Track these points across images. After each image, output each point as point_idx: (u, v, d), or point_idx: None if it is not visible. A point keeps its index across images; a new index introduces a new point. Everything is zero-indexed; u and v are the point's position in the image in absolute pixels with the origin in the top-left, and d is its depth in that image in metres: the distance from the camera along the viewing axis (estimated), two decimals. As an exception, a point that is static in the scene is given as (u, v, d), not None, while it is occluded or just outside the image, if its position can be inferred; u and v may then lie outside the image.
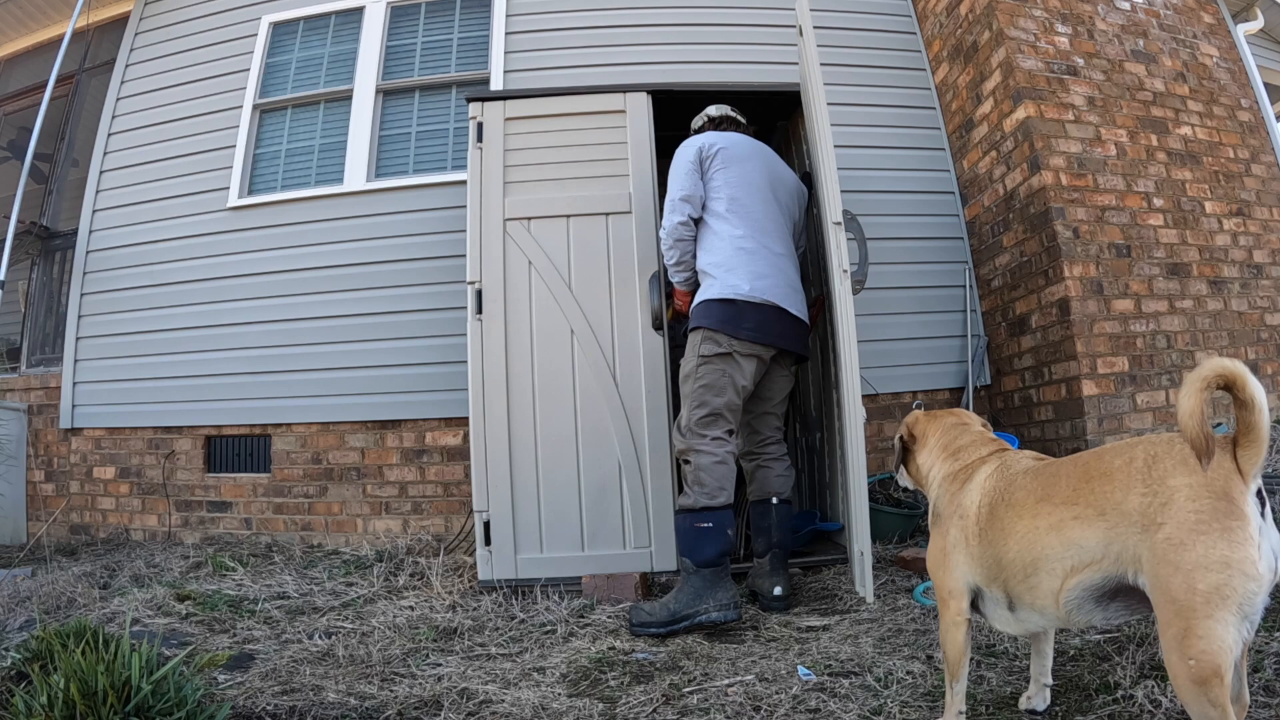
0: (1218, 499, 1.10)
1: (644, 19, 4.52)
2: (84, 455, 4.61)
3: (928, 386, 4.18)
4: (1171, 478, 1.15)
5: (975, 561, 1.41)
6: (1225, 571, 1.06)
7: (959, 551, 1.43)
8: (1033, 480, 1.36)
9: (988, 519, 1.39)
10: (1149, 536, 1.14)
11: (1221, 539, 1.08)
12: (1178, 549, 1.10)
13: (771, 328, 2.68)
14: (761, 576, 2.70)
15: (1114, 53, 4.16)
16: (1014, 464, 1.45)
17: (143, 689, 1.53)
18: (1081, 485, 1.26)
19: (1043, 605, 1.30)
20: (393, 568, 3.33)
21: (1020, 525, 1.31)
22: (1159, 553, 1.11)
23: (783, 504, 2.79)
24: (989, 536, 1.38)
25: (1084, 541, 1.22)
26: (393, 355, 4.16)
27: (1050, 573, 1.27)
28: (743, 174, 2.82)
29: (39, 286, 5.25)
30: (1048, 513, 1.28)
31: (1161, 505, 1.14)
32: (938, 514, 1.53)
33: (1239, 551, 1.07)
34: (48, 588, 3.03)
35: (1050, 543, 1.26)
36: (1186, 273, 3.93)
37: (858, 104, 4.39)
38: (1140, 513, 1.15)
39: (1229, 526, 1.08)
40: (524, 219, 3.17)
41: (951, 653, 1.45)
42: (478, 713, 1.83)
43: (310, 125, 4.65)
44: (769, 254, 2.76)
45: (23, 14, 5.72)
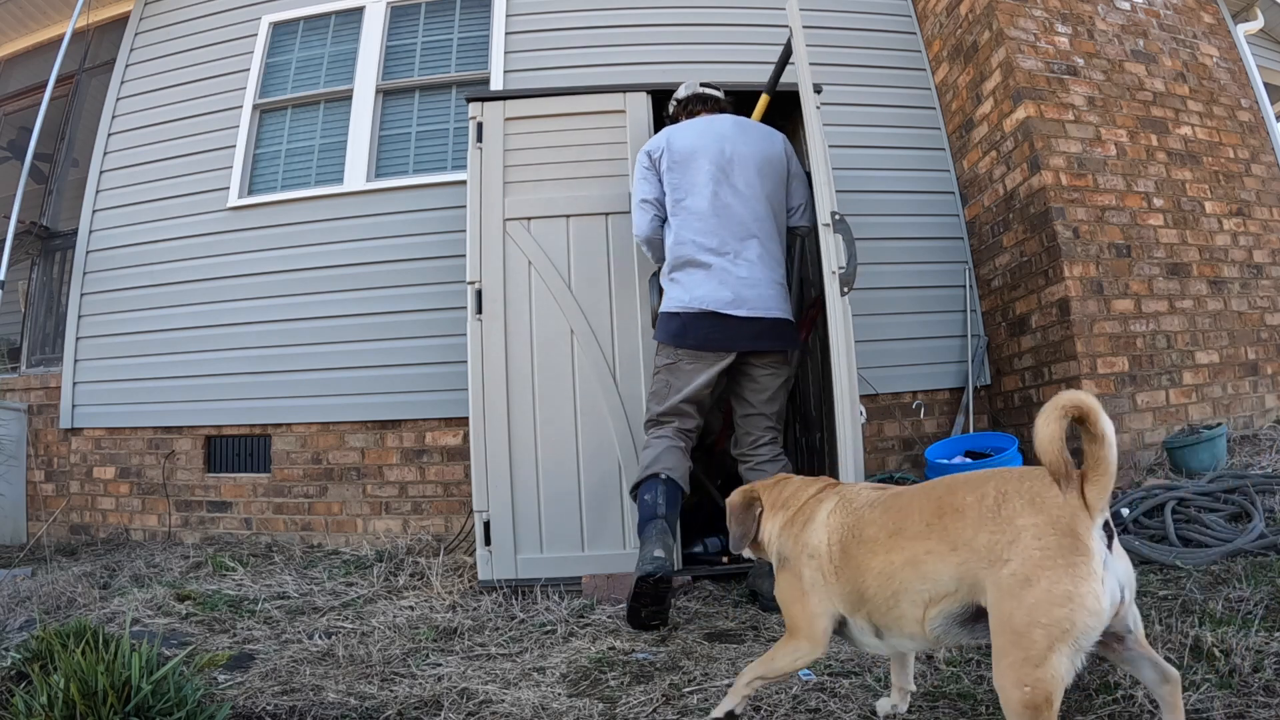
0: (1063, 535, 1.15)
1: (644, 19, 4.52)
2: (84, 455, 4.61)
3: (928, 386, 4.18)
4: (1019, 517, 1.19)
5: (836, 596, 1.42)
6: (1067, 606, 1.12)
7: (817, 590, 1.44)
8: (883, 514, 1.39)
9: (841, 557, 1.41)
10: (995, 571, 1.18)
11: (1065, 575, 1.13)
12: (1022, 585, 1.14)
13: (712, 335, 2.65)
14: (761, 577, 2.69)
15: (1114, 53, 4.16)
16: (855, 497, 1.47)
17: (143, 689, 1.53)
18: (934, 520, 1.29)
19: (911, 632, 1.33)
20: (393, 568, 3.33)
21: (876, 561, 1.34)
22: (1004, 588, 1.16)
23: None
24: (845, 574, 1.39)
25: (939, 575, 1.26)
26: (393, 355, 4.16)
27: (912, 603, 1.30)
28: (687, 174, 2.77)
29: (39, 286, 5.24)
30: (902, 547, 1.31)
31: (1009, 542, 1.18)
32: (784, 558, 1.55)
33: (1082, 587, 1.12)
34: (48, 588, 3.03)
35: (908, 576, 1.29)
36: (1186, 273, 3.93)
37: (858, 104, 4.39)
38: (988, 549, 1.20)
39: (1073, 563, 1.13)
40: (524, 219, 3.17)
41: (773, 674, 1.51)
42: (478, 713, 1.83)
43: (310, 125, 4.65)
44: (714, 256, 2.69)
45: (23, 14, 5.72)
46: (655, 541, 2.44)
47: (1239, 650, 1.61)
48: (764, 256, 2.74)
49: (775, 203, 2.82)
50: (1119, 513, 2.65)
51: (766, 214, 2.79)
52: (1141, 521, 2.63)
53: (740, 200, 2.75)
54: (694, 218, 2.74)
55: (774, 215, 2.81)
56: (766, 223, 2.78)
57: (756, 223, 2.75)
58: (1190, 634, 1.72)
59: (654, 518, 2.51)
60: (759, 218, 2.76)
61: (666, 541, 2.45)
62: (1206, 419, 3.76)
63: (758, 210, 2.76)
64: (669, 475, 2.60)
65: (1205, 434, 3.37)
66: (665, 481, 2.58)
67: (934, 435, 4.07)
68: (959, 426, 4.04)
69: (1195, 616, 1.87)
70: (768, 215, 2.79)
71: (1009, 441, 2.97)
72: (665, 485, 2.58)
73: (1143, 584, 2.24)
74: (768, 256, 2.75)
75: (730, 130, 2.86)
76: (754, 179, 2.78)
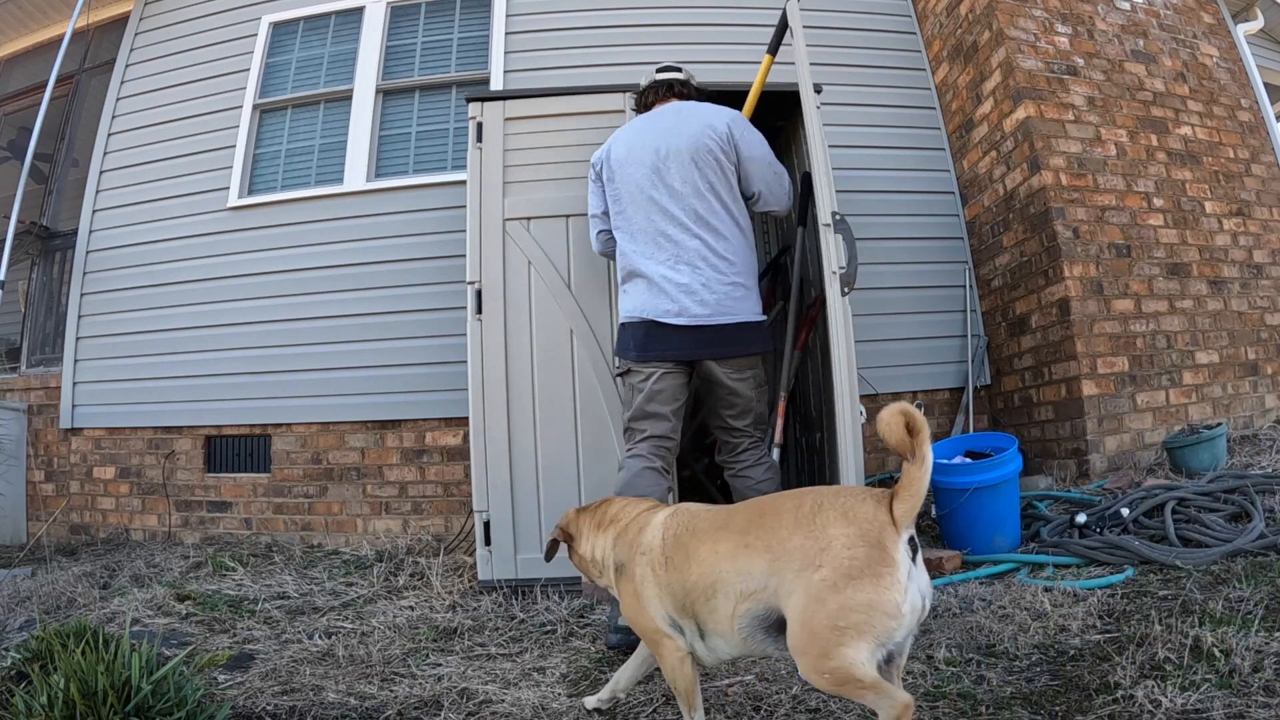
0: (871, 547, 1.26)
1: (644, 19, 4.52)
2: (84, 455, 4.61)
3: (928, 386, 4.18)
4: (832, 526, 1.29)
5: (665, 590, 1.47)
6: (867, 612, 1.22)
7: (648, 585, 1.49)
8: (714, 515, 1.50)
9: (674, 547, 1.48)
10: (807, 575, 1.27)
11: (870, 583, 1.24)
12: (830, 590, 1.25)
13: (653, 345, 2.53)
14: None
15: (1114, 53, 4.16)
16: (692, 508, 1.58)
17: (143, 689, 1.53)
18: (755, 519, 1.40)
19: (723, 630, 1.40)
20: (393, 568, 3.33)
21: (702, 549, 1.42)
22: (813, 592, 1.26)
23: None
24: (675, 562, 1.46)
25: (752, 569, 1.35)
26: (393, 355, 4.16)
27: (726, 596, 1.38)
28: (626, 180, 2.64)
29: (39, 286, 5.25)
30: (725, 539, 1.40)
31: (820, 550, 1.28)
32: (621, 565, 1.59)
33: (884, 595, 1.23)
34: (48, 588, 3.03)
35: (726, 567, 1.38)
36: (1186, 273, 3.93)
37: (858, 104, 4.39)
38: (801, 552, 1.30)
39: (879, 572, 1.24)
40: (523, 219, 3.17)
41: (683, 686, 1.51)
42: (478, 713, 1.83)
43: (310, 125, 4.65)
44: (654, 264, 2.54)
45: (23, 14, 5.72)
46: None
47: (1239, 650, 1.61)
48: (710, 257, 2.52)
49: (723, 192, 2.57)
50: (1119, 512, 2.65)
51: (712, 208, 2.55)
52: (1141, 521, 2.63)
53: (676, 200, 2.55)
54: (632, 226, 2.61)
55: (725, 207, 2.57)
56: (713, 218, 2.54)
57: (697, 222, 2.54)
58: (1190, 634, 1.72)
59: None
60: (700, 215, 2.54)
61: None
62: (1206, 419, 3.76)
63: (698, 207, 2.54)
64: None
65: (1205, 434, 3.37)
66: None
67: (934, 435, 4.03)
68: (959, 426, 4.04)
69: (1195, 616, 1.87)
70: (714, 209, 2.55)
71: (1009, 441, 2.97)
72: None
73: (1143, 584, 2.24)
74: (715, 256, 2.53)
75: (667, 123, 2.65)
76: (690, 173, 2.55)
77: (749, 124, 2.68)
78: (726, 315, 2.51)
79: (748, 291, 2.56)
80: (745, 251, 2.60)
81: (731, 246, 2.56)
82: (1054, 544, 2.67)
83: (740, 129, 2.63)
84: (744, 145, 2.61)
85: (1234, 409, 3.92)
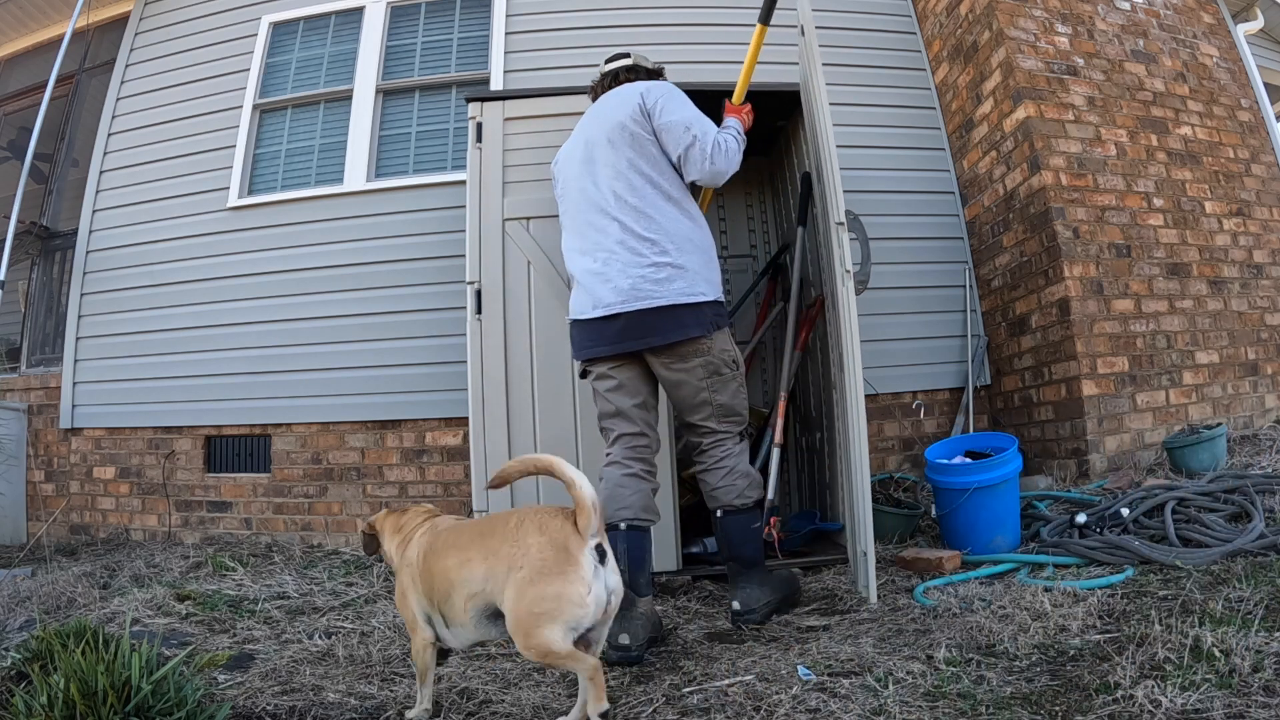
0: (559, 551, 1.61)
1: (644, 19, 4.52)
2: (84, 455, 4.61)
3: (928, 386, 4.18)
4: (529, 537, 1.65)
5: (422, 595, 1.81)
6: (556, 601, 1.58)
7: (411, 591, 1.83)
8: (450, 534, 1.82)
9: (423, 563, 1.81)
10: (513, 575, 1.62)
11: (558, 579, 1.59)
12: (528, 583, 1.60)
13: (581, 343, 2.48)
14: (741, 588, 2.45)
15: (1114, 53, 4.16)
16: (440, 524, 1.90)
17: (143, 689, 1.53)
18: (476, 538, 1.74)
19: (460, 621, 1.74)
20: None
21: (440, 564, 1.76)
22: (517, 587, 1.61)
23: (731, 514, 2.41)
24: (425, 576, 1.80)
25: (473, 576, 1.69)
26: (393, 355, 4.16)
27: (459, 597, 1.72)
28: (564, 177, 2.57)
29: (39, 286, 5.25)
30: (455, 555, 1.74)
31: (522, 554, 1.63)
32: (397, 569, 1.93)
33: (569, 588, 1.59)
34: (48, 588, 3.03)
35: (457, 574, 1.72)
36: (1186, 273, 3.93)
37: (858, 104, 4.39)
38: (508, 558, 1.64)
39: (564, 570, 1.60)
40: (523, 219, 3.17)
41: (421, 665, 1.82)
42: (478, 713, 1.83)
43: (310, 125, 4.65)
44: (581, 258, 2.46)
45: (23, 14, 5.72)
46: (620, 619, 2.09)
47: (1239, 650, 1.61)
48: (627, 239, 2.35)
49: (646, 168, 2.39)
50: (1119, 513, 2.65)
51: (631, 186, 2.38)
52: (1141, 521, 2.63)
53: (599, 186, 2.43)
54: (570, 223, 2.54)
55: (651, 183, 2.39)
56: (632, 196, 2.37)
57: (617, 203, 2.38)
58: (1190, 634, 1.72)
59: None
60: (619, 196, 2.38)
61: (631, 620, 2.13)
62: (1206, 419, 3.76)
63: (616, 188, 2.39)
64: (629, 521, 2.30)
65: (1205, 434, 3.37)
66: (626, 533, 2.28)
67: (934, 435, 4.07)
68: (959, 426, 4.04)
69: (1195, 616, 1.87)
70: (634, 187, 2.38)
71: (1009, 441, 2.97)
72: (627, 538, 2.27)
73: (1143, 584, 2.24)
74: (634, 238, 2.35)
75: (598, 110, 2.55)
76: (609, 154, 2.42)
77: (670, 89, 2.47)
78: (644, 300, 2.31)
79: (678, 271, 2.33)
80: (680, 228, 2.38)
81: (657, 225, 2.35)
82: (1054, 544, 2.67)
83: (655, 95, 2.43)
84: (657, 112, 2.40)
85: (1234, 409, 3.92)
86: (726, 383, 2.42)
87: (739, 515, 2.42)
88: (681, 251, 2.35)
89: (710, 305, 2.37)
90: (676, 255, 2.34)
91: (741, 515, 2.42)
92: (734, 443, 2.46)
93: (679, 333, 2.33)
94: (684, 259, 2.35)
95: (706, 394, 2.40)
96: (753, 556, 2.45)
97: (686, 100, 2.45)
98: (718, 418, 2.43)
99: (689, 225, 2.41)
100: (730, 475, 2.41)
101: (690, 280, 2.34)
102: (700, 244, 2.42)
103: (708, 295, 2.37)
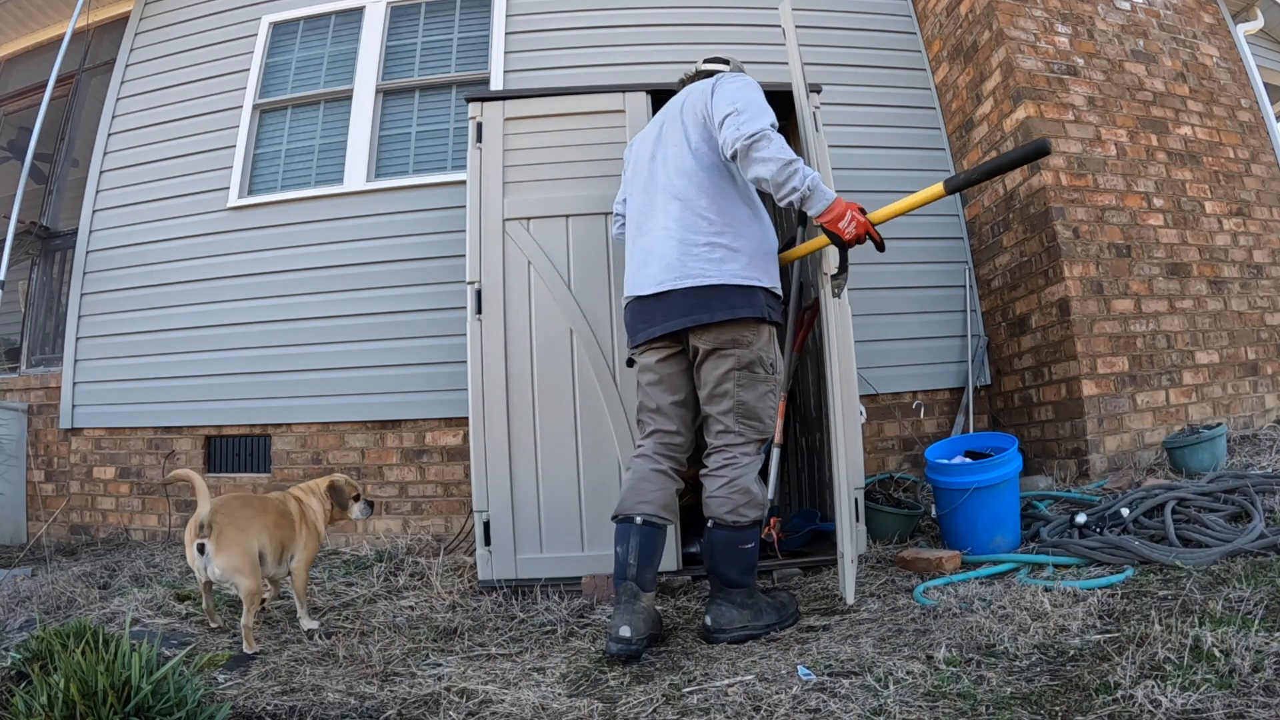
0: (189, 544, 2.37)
1: (644, 19, 4.52)
2: (84, 455, 4.61)
3: (928, 386, 4.18)
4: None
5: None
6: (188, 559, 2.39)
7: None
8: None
9: None
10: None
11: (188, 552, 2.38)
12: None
13: (634, 325, 2.43)
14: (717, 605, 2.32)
15: (1114, 53, 4.17)
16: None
17: (143, 689, 1.53)
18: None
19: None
20: (393, 568, 3.33)
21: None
22: None
23: (721, 529, 2.30)
24: None
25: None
26: (393, 355, 4.16)
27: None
28: (637, 162, 2.57)
29: (39, 286, 5.25)
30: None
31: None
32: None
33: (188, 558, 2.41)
34: (48, 588, 3.03)
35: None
36: (1186, 273, 3.93)
37: (858, 104, 4.39)
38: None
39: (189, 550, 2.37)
40: (523, 219, 3.17)
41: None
42: (478, 713, 1.83)
43: (310, 125, 4.65)
44: (645, 239, 2.41)
45: (23, 14, 5.72)
46: (624, 612, 2.14)
47: (1239, 650, 1.61)
48: (685, 216, 2.30)
49: (712, 154, 2.35)
50: (1119, 512, 2.65)
51: (700, 166, 2.33)
52: (1141, 521, 2.63)
53: (665, 168, 2.40)
54: (633, 205, 2.51)
55: (714, 168, 2.34)
56: (698, 176, 2.33)
57: (680, 176, 2.34)
58: (1190, 634, 1.72)
59: (624, 578, 2.22)
60: (683, 170, 2.35)
61: (635, 614, 2.13)
62: (1206, 419, 3.76)
63: (682, 164, 2.36)
64: (646, 517, 2.28)
65: (1205, 434, 3.37)
66: (641, 527, 2.26)
67: (934, 435, 4.07)
68: (959, 426, 4.04)
69: (1195, 616, 1.87)
70: (703, 167, 2.33)
71: (1009, 441, 2.97)
72: (640, 533, 2.26)
73: (1143, 584, 2.24)
74: (691, 214, 2.30)
75: (674, 100, 2.54)
76: (679, 136, 2.40)
77: (746, 80, 2.37)
78: (695, 278, 2.25)
79: (732, 253, 2.27)
80: (740, 214, 2.33)
81: (717, 206, 2.30)
82: (1054, 544, 2.67)
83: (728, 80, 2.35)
84: (717, 98, 2.32)
85: (1234, 409, 3.92)
86: (757, 383, 2.33)
87: (728, 532, 2.30)
88: (739, 236, 2.29)
89: (765, 292, 2.30)
90: (733, 239, 2.28)
91: (731, 533, 2.30)
92: (745, 452, 2.33)
93: (727, 311, 2.24)
94: (740, 243, 2.29)
95: (732, 385, 2.30)
96: (736, 578, 2.31)
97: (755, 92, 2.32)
98: (737, 416, 2.32)
99: (748, 214, 2.35)
100: (729, 487, 2.29)
101: (745, 264, 2.28)
102: (759, 235, 2.35)
103: (763, 282, 2.30)
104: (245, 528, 2.37)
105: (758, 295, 2.28)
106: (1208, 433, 3.37)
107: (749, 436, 2.34)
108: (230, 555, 2.28)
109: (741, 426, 2.33)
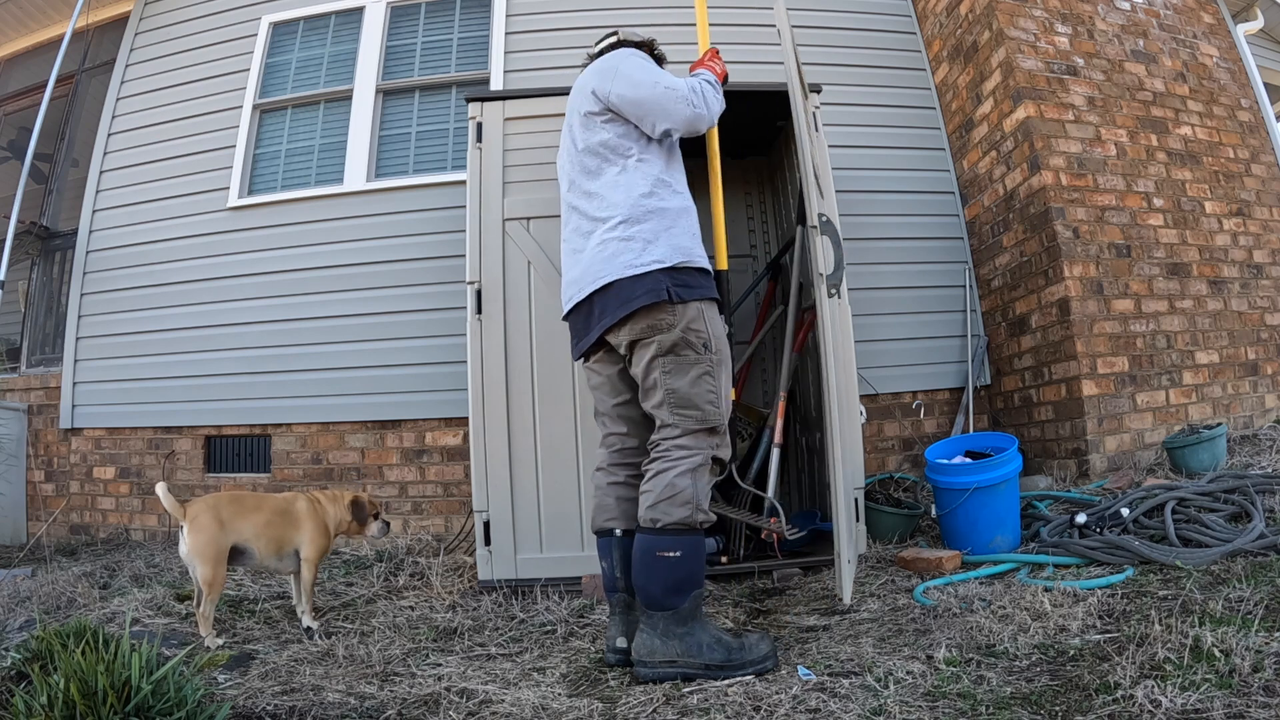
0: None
1: (644, 19, 4.51)
2: (84, 455, 4.61)
3: (928, 386, 4.18)
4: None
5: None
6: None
7: None
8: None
9: None
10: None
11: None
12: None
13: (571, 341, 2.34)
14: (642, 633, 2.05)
15: (1114, 53, 4.17)
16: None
17: (143, 689, 1.53)
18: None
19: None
20: (392, 568, 3.33)
21: None
22: None
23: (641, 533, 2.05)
24: None
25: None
26: (393, 355, 4.16)
27: None
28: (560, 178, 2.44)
29: (39, 286, 5.25)
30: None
31: None
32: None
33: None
34: (48, 588, 3.03)
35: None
36: (1186, 273, 3.93)
37: (858, 104, 4.39)
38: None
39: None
40: (523, 219, 3.17)
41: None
42: (478, 713, 1.83)
43: (310, 125, 4.65)
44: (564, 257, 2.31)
45: (23, 14, 5.72)
46: (618, 623, 2.13)
47: (1239, 650, 1.61)
48: (583, 224, 2.20)
49: (597, 145, 2.21)
50: (1119, 512, 2.65)
51: (585, 170, 2.22)
52: (1141, 521, 2.63)
53: (568, 179, 2.31)
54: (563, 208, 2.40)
55: (601, 160, 2.20)
56: (586, 179, 2.22)
57: (573, 190, 2.26)
58: (1190, 634, 1.72)
59: (614, 590, 2.19)
60: (575, 183, 2.25)
61: (629, 624, 2.11)
62: (1206, 419, 3.76)
63: (574, 176, 2.26)
64: (624, 529, 2.19)
65: (1205, 434, 3.37)
66: (620, 539, 2.18)
67: (934, 435, 4.07)
68: (959, 426, 4.04)
69: (1195, 616, 1.87)
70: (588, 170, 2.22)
71: (1009, 441, 2.97)
72: (621, 545, 2.18)
73: (1143, 584, 2.24)
74: (587, 220, 2.19)
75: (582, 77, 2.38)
76: (569, 144, 2.32)
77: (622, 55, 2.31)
78: (594, 281, 2.13)
79: (624, 244, 2.09)
80: (629, 197, 2.14)
81: (604, 201, 2.16)
82: (1054, 544, 2.67)
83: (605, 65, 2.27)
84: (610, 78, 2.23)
85: (1234, 409, 3.92)
86: (686, 366, 2.08)
87: (645, 536, 2.02)
88: (631, 222, 2.11)
89: (665, 272, 2.07)
90: (625, 228, 2.11)
91: (648, 536, 2.01)
92: (680, 444, 2.07)
93: (625, 306, 2.06)
94: (633, 229, 2.11)
95: (659, 374, 2.08)
96: (656, 596, 1.99)
97: (643, 60, 2.30)
98: (670, 406, 2.07)
99: (641, 192, 2.15)
100: (654, 481, 2.04)
101: (638, 250, 2.08)
102: (657, 208, 2.14)
103: (663, 261, 2.07)
104: (223, 521, 2.45)
105: (656, 278, 2.06)
106: (1208, 433, 3.37)
107: (685, 427, 2.07)
108: (197, 540, 2.41)
109: (676, 417, 2.07)
